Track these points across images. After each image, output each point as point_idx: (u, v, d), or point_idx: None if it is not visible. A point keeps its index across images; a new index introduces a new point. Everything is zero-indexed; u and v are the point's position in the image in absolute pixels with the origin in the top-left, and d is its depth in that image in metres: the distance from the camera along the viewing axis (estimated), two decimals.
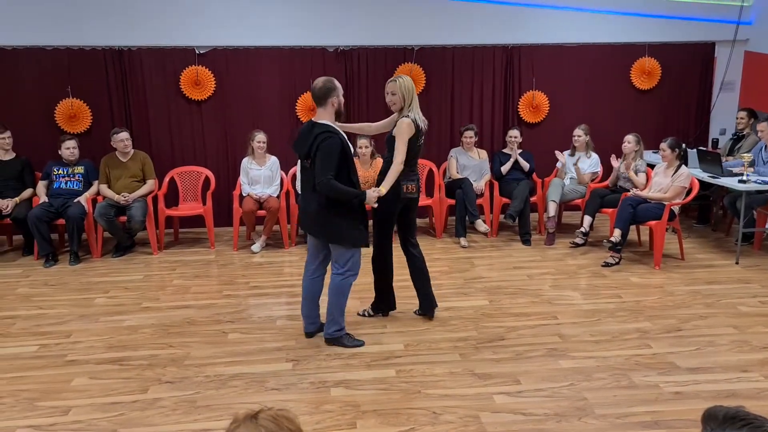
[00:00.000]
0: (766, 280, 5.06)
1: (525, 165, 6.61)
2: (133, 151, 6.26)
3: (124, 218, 5.97)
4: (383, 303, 4.38)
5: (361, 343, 3.91)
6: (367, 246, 3.90)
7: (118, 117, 6.79)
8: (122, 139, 6.09)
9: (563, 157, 6.53)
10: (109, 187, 6.08)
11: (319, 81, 3.80)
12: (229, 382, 3.48)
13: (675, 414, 3.07)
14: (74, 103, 6.68)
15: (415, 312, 4.41)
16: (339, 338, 3.92)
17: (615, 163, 6.18)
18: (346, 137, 3.75)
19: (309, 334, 4.07)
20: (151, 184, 6.26)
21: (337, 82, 3.83)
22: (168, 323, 4.36)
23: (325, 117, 3.76)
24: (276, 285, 5.18)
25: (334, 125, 3.75)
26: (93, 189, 6.13)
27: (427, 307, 4.35)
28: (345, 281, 3.86)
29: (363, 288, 4.73)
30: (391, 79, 4.11)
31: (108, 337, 4.15)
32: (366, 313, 4.38)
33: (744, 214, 5.51)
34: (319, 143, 3.60)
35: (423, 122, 4.08)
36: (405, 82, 4.02)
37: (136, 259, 6.02)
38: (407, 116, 3.99)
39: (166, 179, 6.58)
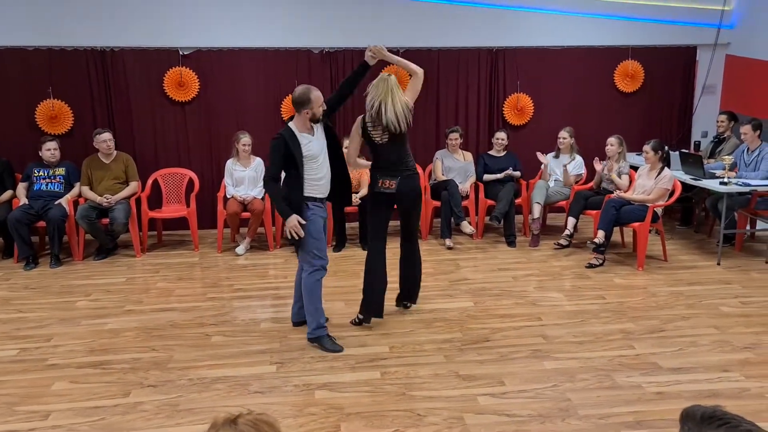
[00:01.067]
0: (746, 280, 5.12)
1: (516, 174, 6.63)
2: (115, 152, 6.21)
3: (106, 221, 5.91)
4: (364, 308, 4.30)
5: (339, 349, 3.88)
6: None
7: (100, 118, 6.73)
8: (105, 139, 6.04)
9: (546, 159, 6.56)
10: (92, 188, 6.02)
11: (298, 89, 3.87)
12: (212, 386, 3.46)
13: (657, 414, 3.09)
14: (55, 104, 6.62)
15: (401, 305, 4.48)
16: (319, 338, 3.93)
17: (598, 166, 6.23)
18: (300, 139, 3.80)
19: (294, 323, 4.22)
20: (134, 185, 6.20)
21: (315, 94, 3.83)
22: (151, 326, 4.33)
23: (297, 122, 3.87)
24: (260, 287, 5.16)
25: (297, 129, 3.85)
26: (74, 191, 6.07)
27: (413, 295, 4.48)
28: (310, 277, 3.91)
29: (351, 290, 4.75)
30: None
31: (89, 340, 4.10)
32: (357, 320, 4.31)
33: (725, 216, 5.57)
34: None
35: (387, 117, 4.04)
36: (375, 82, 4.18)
37: (118, 261, 5.96)
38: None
39: (150, 181, 6.53)
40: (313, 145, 3.86)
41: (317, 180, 3.88)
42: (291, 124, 3.88)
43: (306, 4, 6.87)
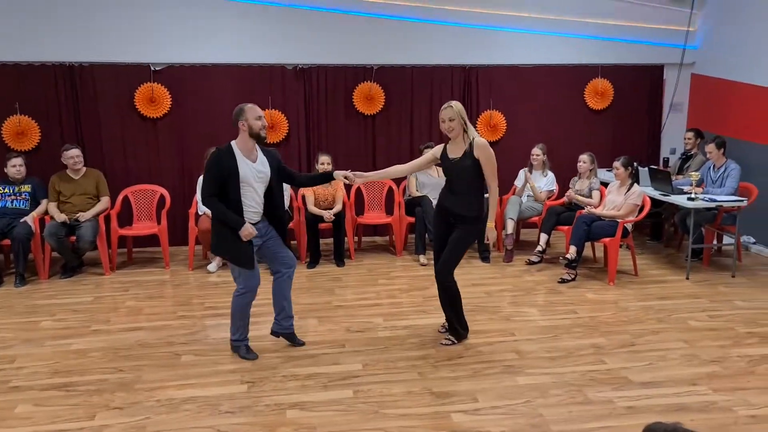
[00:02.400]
0: (714, 294, 5.22)
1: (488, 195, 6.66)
2: (85, 168, 6.12)
3: (74, 238, 5.80)
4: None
5: (254, 356, 3.99)
6: (250, 269, 3.85)
7: (68, 134, 6.64)
8: (72, 156, 5.95)
9: (531, 180, 6.57)
10: (60, 204, 5.92)
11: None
12: (181, 406, 3.39)
13: (628, 429, 3.11)
14: (22, 120, 6.51)
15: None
16: (237, 348, 4.06)
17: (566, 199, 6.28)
18: (238, 160, 3.75)
19: (272, 332, 4.23)
20: (105, 201, 6.12)
21: (249, 106, 3.83)
22: (118, 346, 4.24)
23: (238, 141, 3.83)
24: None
25: (236, 147, 3.80)
26: (41, 208, 5.95)
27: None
28: (239, 298, 3.95)
29: (324, 307, 4.71)
30: (445, 106, 4.03)
31: (54, 361, 4.00)
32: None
33: (693, 231, 5.68)
34: None
35: None
36: (459, 106, 4.01)
37: (86, 280, 5.85)
38: (477, 137, 4.00)
39: (120, 198, 6.43)
40: (251, 171, 3.79)
41: (251, 207, 3.83)
42: (233, 143, 3.83)
43: (280, 20, 6.88)
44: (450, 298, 4.15)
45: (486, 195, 4.10)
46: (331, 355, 4.04)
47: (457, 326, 4.20)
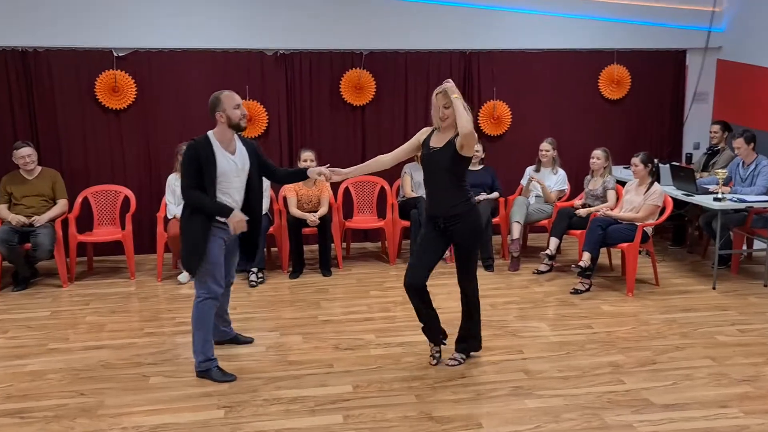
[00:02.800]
0: (744, 306, 5.26)
1: (492, 197, 6.67)
2: (40, 168, 6.10)
3: (28, 245, 5.77)
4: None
5: (231, 378, 3.97)
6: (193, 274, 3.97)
7: (21, 129, 6.62)
8: (23, 155, 5.93)
9: (540, 181, 6.61)
10: (11, 207, 5.89)
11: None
12: None
13: None
14: None
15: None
16: (208, 371, 4.00)
17: (582, 212, 6.19)
18: (216, 152, 3.85)
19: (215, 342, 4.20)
20: (63, 204, 6.10)
21: (225, 94, 3.92)
22: (79, 367, 4.23)
23: (216, 132, 3.94)
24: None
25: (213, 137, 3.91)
26: None
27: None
28: (201, 305, 3.96)
29: (309, 322, 4.70)
30: (439, 90, 3.98)
31: (6, 384, 3.98)
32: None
33: (720, 235, 5.73)
34: None
35: None
36: (453, 88, 3.96)
37: (41, 292, 5.83)
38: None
39: (79, 200, 6.41)
40: (229, 164, 3.89)
41: (228, 204, 3.91)
42: (210, 133, 3.92)
43: (258, 2, 6.89)
44: (475, 306, 4.22)
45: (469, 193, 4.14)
46: (317, 376, 4.04)
47: (476, 335, 4.24)
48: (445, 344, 4.29)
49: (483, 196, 6.55)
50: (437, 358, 4.20)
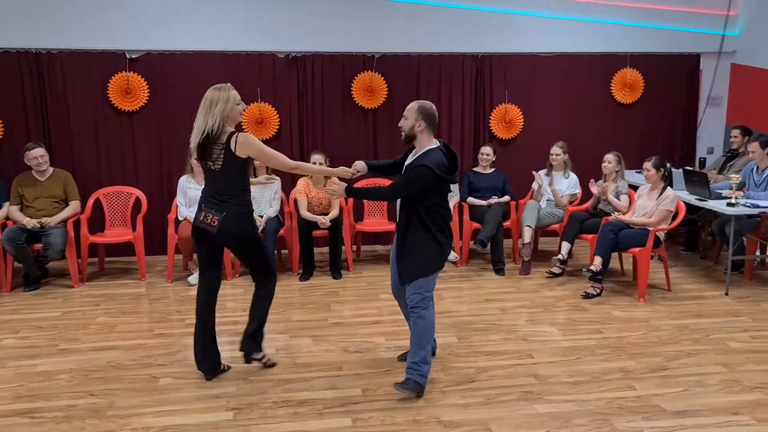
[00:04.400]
0: (757, 312, 5.22)
1: (503, 200, 6.66)
2: (52, 169, 6.14)
3: (38, 246, 5.81)
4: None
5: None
6: None
7: (34, 130, 6.67)
8: (35, 156, 5.97)
9: (540, 179, 6.65)
10: (23, 209, 5.94)
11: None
12: None
13: None
14: None
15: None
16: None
17: (594, 189, 6.24)
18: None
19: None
20: (75, 205, 6.14)
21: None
22: (89, 368, 4.25)
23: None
24: (216, 322, 5.06)
25: None
26: (1, 212, 5.97)
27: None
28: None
29: (319, 324, 4.70)
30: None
31: (17, 385, 4.01)
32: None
33: (733, 241, 5.69)
34: None
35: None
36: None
37: (53, 292, 5.87)
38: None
39: (91, 201, 6.45)
40: None
41: None
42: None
43: (270, 3, 6.93)
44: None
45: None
46: (327, 379, 4.04)
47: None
48: None
49: (494, 200, 6.54)
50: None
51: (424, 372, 3.79)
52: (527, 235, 6.36)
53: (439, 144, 3.90)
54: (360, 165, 4.21)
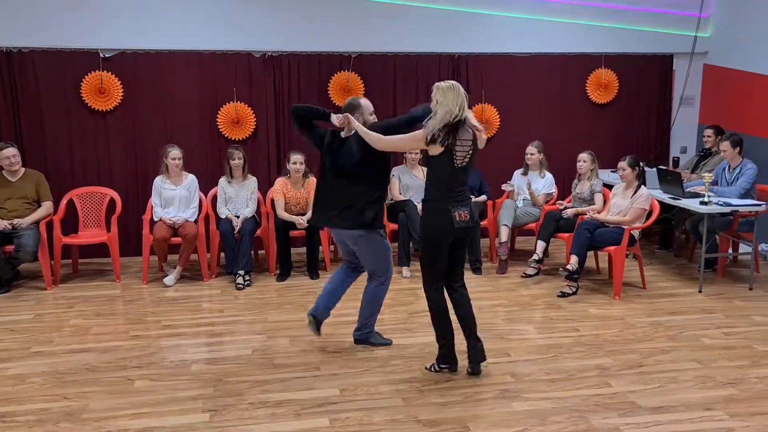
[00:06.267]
0: (729, 309, 5.30)
1: (480, 200, 6.69)
2: (24, 170, 6.05)
3: (10, 248, 5.72)
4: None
5: (388, 342, 4.55)
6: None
7: (6, 130, 6.58)
8: (7, 156, 5.88)
9: (510, 186, 6.68)
10: None
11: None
12: None
13: None
14: None
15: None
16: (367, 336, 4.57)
17: (568, 213, 6.23)
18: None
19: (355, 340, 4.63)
20: (47, 206, 6.06)
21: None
22: (63, 370, 4.19)
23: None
24: (192, 323, 5.07)
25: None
26: None
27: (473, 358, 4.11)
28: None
29: (296, 325, 4.69)
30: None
31: None
32: (433, 369, 4.16)
33: (706, 239, 5.77)
34: None
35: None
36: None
37: (25, 295, 5.78)
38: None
39: (64, 202, 6.37)
40: None
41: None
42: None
43: (246, 3, 6.89)
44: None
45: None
46: (304, 380, 4.03)
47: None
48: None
49: (471, 199, 6.56)
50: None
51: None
52: (504, 234, 6.39)
53: None
54: None
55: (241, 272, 5.98)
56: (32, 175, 6.08)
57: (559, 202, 6.44)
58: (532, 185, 6.62)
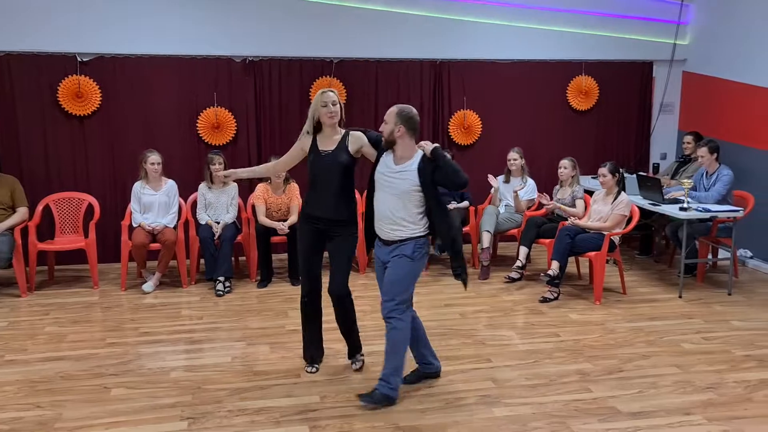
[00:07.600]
0: (709, 314, 5.35)
1: (462, 206, 6.72)
2: None
3: None
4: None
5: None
6: None
7: None
8: None
9: (496, 182, 6.72)
10: None
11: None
12: None
13: None
14: None
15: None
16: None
17: (545, 201, 6.27)
18: None
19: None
20: (22, 212, 5.99)
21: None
22: (36, 378, 4.13)
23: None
24: (171, 330, 5.02)
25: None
26: None
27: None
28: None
29: (277, 332, 4.66)
30: (326, 90, 4.26)
31: None
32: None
33: (686, 244, 5.82)
34: None
35: None
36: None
37: None
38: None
39: (39, 207, 6.29)
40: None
41: None
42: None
43: (227, 5, 6.86)
44: (351, 314, 4.26)
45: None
46: (284, 387, 4.01)
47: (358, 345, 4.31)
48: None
49: (453, 205, 6.58)
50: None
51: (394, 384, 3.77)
52: (486, 240, 6.41)
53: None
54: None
55: (221, 278, 5.94)
56: (7, 180, 6.00)
57: (543, 194, 6.41)
58: (518, 191, 6.64)
